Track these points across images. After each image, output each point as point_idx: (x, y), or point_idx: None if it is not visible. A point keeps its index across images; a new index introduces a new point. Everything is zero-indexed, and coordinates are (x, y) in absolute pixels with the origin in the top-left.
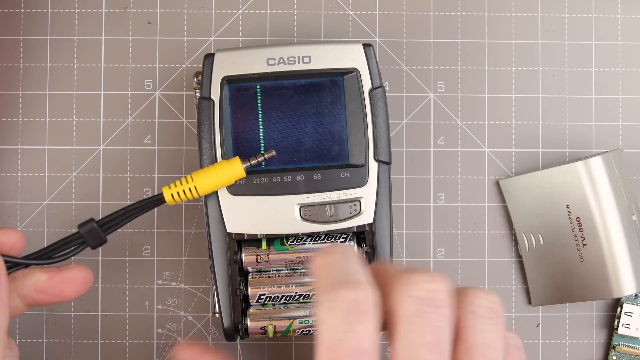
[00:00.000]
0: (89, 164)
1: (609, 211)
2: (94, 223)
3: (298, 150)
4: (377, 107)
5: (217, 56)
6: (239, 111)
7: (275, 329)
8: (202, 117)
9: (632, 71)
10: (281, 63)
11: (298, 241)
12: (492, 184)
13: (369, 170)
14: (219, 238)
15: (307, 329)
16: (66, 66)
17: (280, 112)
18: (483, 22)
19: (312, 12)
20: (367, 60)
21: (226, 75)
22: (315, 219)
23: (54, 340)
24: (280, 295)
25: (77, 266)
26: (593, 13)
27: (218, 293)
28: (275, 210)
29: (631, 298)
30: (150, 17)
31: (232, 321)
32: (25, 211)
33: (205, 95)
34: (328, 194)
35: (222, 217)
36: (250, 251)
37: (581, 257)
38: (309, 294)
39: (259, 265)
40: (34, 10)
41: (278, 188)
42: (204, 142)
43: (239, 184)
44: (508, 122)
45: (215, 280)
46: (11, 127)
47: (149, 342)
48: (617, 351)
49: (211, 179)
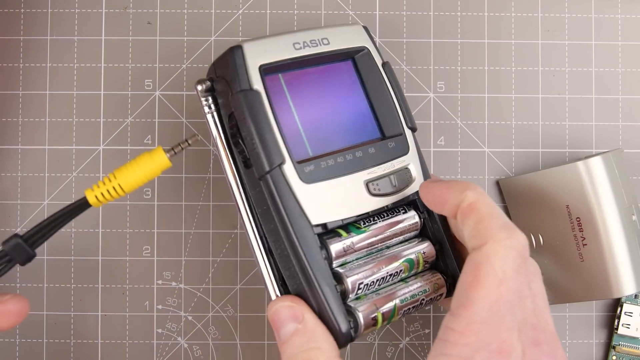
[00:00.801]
0: (89, 164)
1: (609, 211)
2: (18, 239)
3: (347, 129)
4: (393, 78)
5: (246, 46)
6: (280, 100)
7: (384, 316)
8: (253, 109)
9: (632, 71)
10: (306, 47)
11: (370, 222)
12: (492, 184)
13: (407, 138)
14: (307, 234)
15: (407, 308)
16: (66, 66)
17: (319, 95)
18: (483, 22)
19: (312, 12)
20: (370, 39)
21: (263, 64)
22: (383, 192)
23: (54, 340)
24: (375, 280)
25: (12, 298)
26: (593, 13)
27: (325, 296)
28: (346, 191)
29: (631, 298)
30: (150, 17)
31: (348, 322)
32: (25, 211)
33: (244, 87)
34: (386, 165)
35: (303, 209)
36: (335, 241)
37: (581, 257)
38: (397, 271)
39: (346, 255)
40: (34, 10)
41: (345, 168)
42: (266, 134)
43: (310, 171)
44: (508, 122)
45: (316, 282)
46: (11, 127)
47: (149, 342)
48: (617, 351)
49: (135, 174)
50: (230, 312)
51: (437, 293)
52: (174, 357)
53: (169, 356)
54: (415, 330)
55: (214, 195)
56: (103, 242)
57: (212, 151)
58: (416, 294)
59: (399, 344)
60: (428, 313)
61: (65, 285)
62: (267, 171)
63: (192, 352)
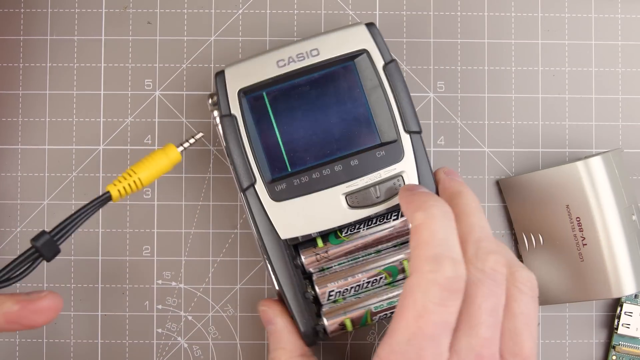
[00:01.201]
0: (89, 164)
1: (609, 211)
2: (47, 235)
3: (329, 142)
4: (394, 80)
5: (228, 71)
6: (262, 119)
7: (353, 322)
8: (228, 134)
9: (632, 71)
10: (291, 62)
11: (352, 230)
12: (492, 184)
13: (403, 144)
14: (275, 247)
15: (384, 313)
16: (66, 66)
17: (303, 110)
18: (483, 22)
19: (312, 12)
20: (373, 38)
21: (242, 88)
22: (363, 204)
23: (54, 340)
24: (349, 288)
25: (48, 295)
26: (593, 13)
27: (289, 301)
28: (322, 205)
29: (631, 298)
30: (150, 17)
31: (309, 325)
32: (25, 211)
33: (225, 112)
34: (369, 177)
35: (273, 225)
36: (308, 252)
37: (581, 257)
38: (377, 278)
39: (320, 264)
40: (34, 10)
41: (320, 183)
42: (237, 159)
43: (281, 189)
44: (508, 122)
45: (282, 289)
46: (11, 127)
47: (149, 342)
48: (617, 351)
49: (152, 168)
50: (230, 312)
51: None
52: (174, 357)
53: (169, 356)
54: None
55: (214, 195)
56: (103, 242)
57: (212, 151)
58: (395, 300)
59: None
60: None
61: (65, 285)
62: (241, 189)
63: (192, 352)
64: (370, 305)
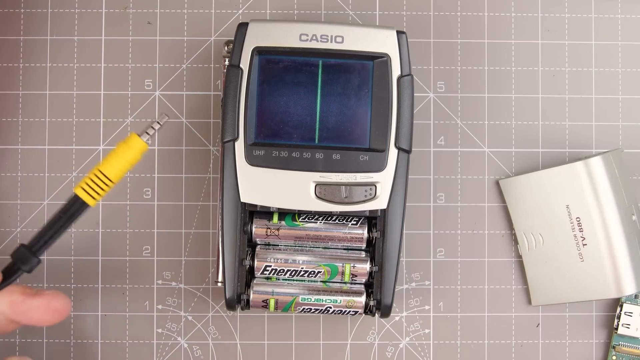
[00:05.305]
0: (89, 164)
1: (608, 211)
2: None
3: (321, 129)
4: (403, 94)
5: (251, 26)
6: (266, 83)
7: (277, 304)
8: (230, 85)
9: (632, 71)
10: (313, 40)
11: (310, 219)
12: (492, 184)
13: (388, 156)
14: (232, 206)
15: (309, 307)
16: (66, 66)
17: (307, 89)
18: (483, 22)
19: (312, 12)
20: (399, 47)
21: (258, 46)
22: (329, 199)
23: (54, 340)
24: (285, 269)
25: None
26: (593, 13)
27: (224, 262)
28: (291, 185)
29: (631, 298)
30: (150, 17)
31: (235, 291)
32: (25, 211)
33: (234, 63)
34: (345, 175)
35: (238, 185)
36: (261, 223)
37: (581, 257)
38: (315, 271)
39: (268, 238)
40: (34, 10)
41: (296, 163)
42: (228, 110)
43: (258, 155)
44: (508, 122)
45: (223, 249)
46: (11, 127)
47: (149, 342)
48: (617, 351)
49: (118, 163)
50: (230, 312)
51: (350, 308)
52: (174, 357)
53: (169, 356)
54: (415, 330)
55: (214, 195)
56: (103, 242)
57: (212, 151)
58: (323, 299)
59: (399, 344)
60: (428, 313)
61: (65, 285)
62: (222, 140)
63: (192, 352)
64: (299, 294)
